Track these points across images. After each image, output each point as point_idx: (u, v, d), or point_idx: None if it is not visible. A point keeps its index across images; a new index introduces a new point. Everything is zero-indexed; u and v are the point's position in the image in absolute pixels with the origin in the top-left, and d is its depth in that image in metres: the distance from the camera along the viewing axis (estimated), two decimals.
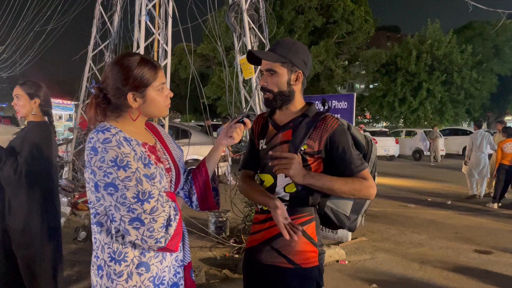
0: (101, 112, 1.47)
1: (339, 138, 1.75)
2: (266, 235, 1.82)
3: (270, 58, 1.79)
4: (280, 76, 1.79)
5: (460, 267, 4.90)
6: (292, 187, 1.78)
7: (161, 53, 5.59)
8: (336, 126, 1.76)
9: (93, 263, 1.49)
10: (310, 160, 1.77)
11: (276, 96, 1.81)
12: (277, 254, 1.79)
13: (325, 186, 1.73)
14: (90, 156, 1.38)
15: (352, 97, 5.61)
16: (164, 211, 1.39)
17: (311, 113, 1.82)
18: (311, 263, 1.77)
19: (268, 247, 1.81)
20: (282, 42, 1.84)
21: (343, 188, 1.73)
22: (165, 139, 1.67)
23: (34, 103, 2.74)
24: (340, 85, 27.67)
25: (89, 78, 7.42)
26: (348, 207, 1.82)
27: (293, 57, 1.79)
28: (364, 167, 1.78)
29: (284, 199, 1.80)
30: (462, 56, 25.25)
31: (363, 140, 1.89)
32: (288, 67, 1.79)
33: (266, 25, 6.10)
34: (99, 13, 7.26)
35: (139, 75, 1.46)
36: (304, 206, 1.78)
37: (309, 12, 23.18)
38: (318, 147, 1.76)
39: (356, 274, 4.60)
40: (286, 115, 1.87)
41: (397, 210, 8.12)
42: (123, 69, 1.46)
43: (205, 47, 23.60)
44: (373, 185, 1.78)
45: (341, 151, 1.75)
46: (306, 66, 1.85)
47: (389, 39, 55.13)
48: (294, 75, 1.81)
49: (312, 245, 1.78)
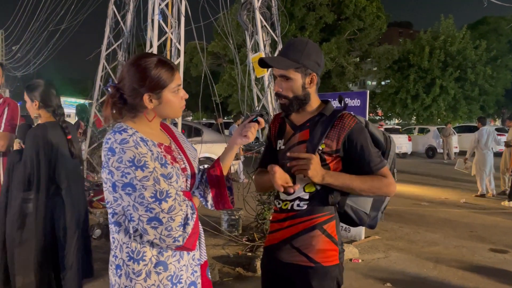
0: (117, 111, 1.48)
1: (357, 136, 1.74)
2: (286, 234, 1.82)
3: (283, 66, 1.77)
4: (294, 81, 1.78)
5: (475, 266, 4.85)
6: (311, 186, 1.78)
7: (174, 52, 5.61)
8: (353, 125, 1.75)
9: (111, 262, 1.50)
10: (329, 159, 1.77)
11: (292, 102, 1.81)
12: (298, 252, 1.79)
13: (345, 185, 1.73)
14: (107, 157, 1.39)
15: (365, 94, 5.57)
16: (181, 210, 1.40)
17: (328, 111, 1.81)
18: (331, 262, 1.78)
19: (288, 245, 1.81)
20: (294, 44, 1.81)
21: (363, 186, 1.73)
22: (179, 139, 1.68)
23: (34, 105, 2.78)
24: (351, 82, 27.51)
25: (102, 77, 7.48)
26: (368, 205, 1.82)
27: (306, 60, 1.77)
28: (383, 164, 1.77)
29: (303, 198, 1.80)
30: (476, 52, 24.89)
31: (382, 137, 1.88)
32: (302, 71, 1.78)
33: (278, 23, 6.08)
34: (112, 12, 7.31)
35: (156, 76, 1.47)
36: (324, 205, 1.78)
37: (320, 8, 23.06)
38: (336, 146, 1.75)
39: (370, 273, 4.57)
40: (302, 115, 1.87)
41: (410, 208, 8.06)
42: (140, 70, 1.46)
43: (216, 45, 23.64)
44: (392, 182, 1.78)
45: (360, 149, 1.74)
46: (319, 66, 1.84)
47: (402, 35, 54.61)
48: (308, 78, 1.80)
49: (332, 243, 1.79)
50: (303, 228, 1.78)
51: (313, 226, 1.77)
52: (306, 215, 1.78)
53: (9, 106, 3.12)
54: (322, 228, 1.77)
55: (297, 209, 1.80)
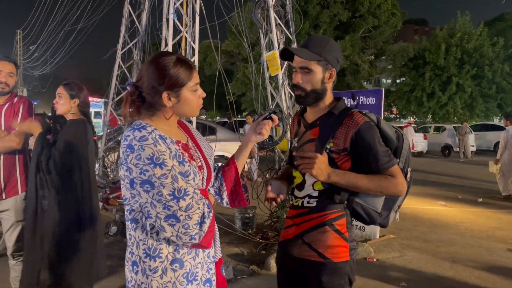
0: (136, 109, 1.49)
1: (365, 134, 1.73)
2: (298, 230, 1.86)
3: (307, 56, 1.78)
4: (314, 74, 1.80)
5: (492, 266, 4.77)
6: (320, 184, 1.80)
7: (189, 51, 5.64)
8: (362, 123, 1.74)
9: (127, 259, 1.52)
10: (337, 158, 1.77)
11: (309, 94, 1.82)
12: (308, 248, 1.81)
13: (351, 184, 1.74)
14: (126, 154, 1.40)
15: (380, 92, 5.52)
16: (198, 208, 1.41)
17: (337, 110, 1.82)
18: (342, 258, 1.79)
19: (300, 241, 1.84)
20: (315, 38, 1.83)
21: (370, 185, 1.73)
22: (195, 136, 1.69)
23: (73, 103, 2.92)
24: (366, 80, 27.30)
25: (118, 76, 7.56)
26: (379, 204, 1.82)
27: (327, 55, 1.79)
28: (392, 163, 1.75)
29: (313, 195, 1.83)
30: (494, 49, 24.45)
31: (394, 135, 1.85)
32: (323, 65, 1.80)
33: (292, 21, 6.07)
34: (127, 12, 7.38)
35: (174, 75, 1.48)
36: (333, 202, 1.80)
37: (334, 6, 22.92)
38: (344, 144, 1.75)
39: (385, 272, 4.54)
40: (315, 112, 1.88)
41: (426, 207, 7.97)
42: (159, 68, 1.47)
43: (230, 43, 23.68)
44: (401, 182, 1.75)
45: (368, 148, 1.73)
46: (338, 63, 1.86)
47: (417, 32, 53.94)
48: (328, 73, 1.82)
49: (342, 240, 1.80)
50: (314, 224, 1.81)
51: (323, 222, 1.79)
52: (316, 212, 1.81)
53: (24, 105, 3.19)
54: (331, 224, 1.79)
55: (307, 206, 1.83)
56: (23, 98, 3.26)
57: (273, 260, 4.47)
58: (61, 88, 2.91)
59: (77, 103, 2.92)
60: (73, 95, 2.90)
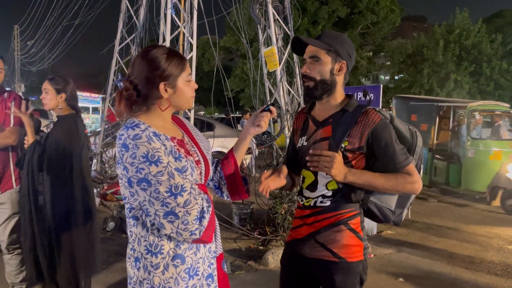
0: (130, 105, 1.48)
1: (381, 133, 1.71)
2: (310, 229, 1.82)
3: (317, 44, 1.77)
4: (324, 64, 1.77)
5: (489, 262, 4.80)
6: (334, 184, 1.77)
7: (187, 46, 5.62)
8: (378, 121, 1.72)
9: (129, 256, 1.52)
10: (351, 157, 1.74)
11: (317, 85, 1.78)
12: (322, 248, 1.78)
13: (367, 184, 1.71)
14: (121, 153, 1.40)
15: (378, 88, 5.53)
16: (197, 203, 1.41)
17: (351, 107, 1.78)
18: (356, 257, 1.76)
19: (312, 240, 1.80)
20: (329, 32, 1.82)
21: (386, 184, 1.71)
22: (191, 131, 1.68)
23: (60, 97, 2.89)
24: (364, 77, 27.26)
25: (116, 71, 7.54)
26: (393, 202, 1.80)
27: (338, 46, 1.77)
28: (408, 162, 1.73)
29: (326, 195, 1.79)
30: (492, 45, 24.43)
31: (407, 133, 1.84)
32: (332, 56, 1.77)
33: (291, 17, 6.06)
34: (125, 7, 7.34)
35: (169, 66, 1.48)
36: (348, 202, 1.77)
37: (333, 2, 22.85)
38: (359, 143, 1.72)
39: (382, 267, 4.56)
40: (325, 110, 1.84)
41: (423, 203, 8.00)
42: (153, 60, 1.47)
43: (228, 39, 23.61)
44: (418, 180, 1.74)
45: (384, 146, 1.71)
46: (350, 58, 1.82)
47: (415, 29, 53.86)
48: (338, 64, 1.78)
49: (357, 239, 1.77)
50: (328, 224, 1.77)
51: (338, 221, 1.76)
52: (331, 211, 1.77)
53: (15, 101, 3.15)
54: (347, 223, 1.76)
55: (320, 205, 1.79)
56: (13, 94, 3.24)
57: (271, 256, 4.48)
58: (47, 83, 2.89)
59: (64, 97, 2.89)
60: (59, 90, 2.87)
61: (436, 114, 8.43)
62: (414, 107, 8.96)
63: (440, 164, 8.30)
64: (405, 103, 9.42)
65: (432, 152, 8.28)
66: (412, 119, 8.63)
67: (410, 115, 8.74)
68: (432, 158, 8.27)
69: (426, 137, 8.11)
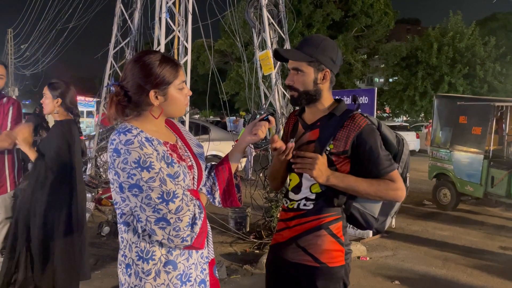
0: (121, 110, 1.46)
1: (366, 137, 1.71)
2: (292, 233, 1.82)
3: (297, 58, 1.76)
4: (306, 75, 1.76)
5: (484, 264, 4.82)
6: (318, 187, 1.77)
7: (181, 50, 5.62)
8: (364, 125, 1.72)
9: (120, 262, 1.50)
10: (336, 160, 1.74)
11: (301, 95, 1.79)
12: (303, 252, 1.77)
13: (350, 188, 1.71)
14: (113, 158, 1.38)
15: (373, 92, 5.55)
16: (189, 210, 1.39)
17: (339, 111, 1.78)
18: (337, 262, 1.76)
19: (294, 244, 1.80)
20: (310, 39, 1.80)
21: (369, 190, 1.70)
22: (185, 135, 1.66)
23: (56, 102, 2.89)
24: (359, 79, 27.36)
25: (110, 75, 7.51)
26: (377, 209, 1.80)
27: (320, 55, 1.75)
28: (392, 168, 1.73)
29: (310, 198, 1.79)
30: (485, 48, 24.61)
31: (394, 140, 1.83)
32: (315, 66, 1.76)
33: (285, 20, 6.06)
34: (119, 11, 7.32)
35: (161, 72, 1.45)
36: (331, 206, 1.76)
37: (328, 5, 22.95)
38: (344, 146, 1.72)
39: (378, 270, 4.56)
40: (314, 114, 1.84)
41: (418, 206, 8.02)
42: (145, 66, 1.45)
43: (223, 43, 23.63)
44: (401, 187, 1.73)
45: (369, 151, 1.70)
46: (335, 63, 1.81)
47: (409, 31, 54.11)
48: (321, 74, 1.78)
49: (338, 244, 1.77)
50: (309, 228, 1.77)
51: (319, 226, 1.76)
52: (313, 214, 1.77)
53: (13, 105, 3.21)
54: (328, 228, 1.75)
55: (303, 208, 1.79)
56: (11, 99, 3.26)
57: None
58: (45, 88, 2.91)
59: (59, 102, 2.88)
60: (55, 95, 2.87)
61: (493, 116, 7.10)
62: (463, 108, 7.70)
63: (498, 173, 6.80)
64: (450, 104, 8.23)
65: (488, 160, 6.97)
66: (461, 121, 7.56)
67: (458, 117, 7.62)
68: (488, 166, 6.93)
69: (480, 142, 7.08)
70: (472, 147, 7.24)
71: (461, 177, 7.39)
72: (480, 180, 7.00)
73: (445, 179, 7.80)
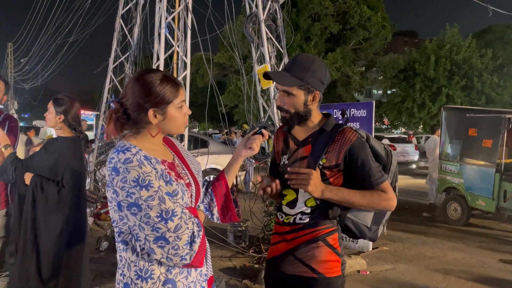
0: (120, 127, 1.47)
1: (357, 151, 1.76)
2: (289, 246, 1.85)
3: (287, 83, 1.79)
4: (296, 98, 1.80)
5: (484, 277, 4.79)
6: (313, 201, 1.81)
7: (180, 65, 5.66)
8: (354, 139, 1.77)
9: (118, 281, 1.50)
10: (329, 174, 1.79)
11: (293, 116, 1.83)
12: (301, 264, 1.81)
13: (344, 200, 1.76)
14: (111, 177, 1.38)
15: (371, 105, 5.58)
16: (188, 228, 1.39)
17: (328, 126, 1.83)
18: (334, 273, 1.80)
19: (291, 257, 1.84)
20: (300, 61, 1.82)
21: (362, 201, 1.75)
22: (182, 153, 1.67)
23: (58, 118, 2.90)
24: (357, 92, 27.49)
25: (110, 89, 7.55)
26: (369, 218, 1.85)
27: (310, 78, 1.78)
28: (383, 179, 1.79)
29: (305, 212, 1.83)
30: (482, 60, 24.79)
31: (383, 152, 1.90)
32: (305, 89, 1.80)
33: (283, 35, 6.12)
34: (119, 26, 7.39)
35: (161, 92, 1.47)
36: (326, 218, 1.81)
37: (325, 19, 23.15)
38: (336, 160, 1.77)
39: (378, 284, 4.53)
40: (305, 130, 1.89)
41: (418, 218, 7.99)
42: (145, 85, 1.46)
43: (222, 56, 23.78)
44: (393, 197, 1.80)
45: (360, 164, 1.76)
46: (323, 84, 1.85)
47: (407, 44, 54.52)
48: (311, 96, 1.82)
49: (335, 254, 1.81)
50: (306, 240, 1.81)
51: (316, 237, 1.80)
52: (309, 227, 1.81)
53: (9, 124, 3.16)
54: (325, 239, 1.80)
55: (300, 222, 1.83)
56: (8, 117, 3.25)
57: None
58: (50, 103, 2.92)
59: (62, 119, 2.89)
60: (58, 111, 2.89)
61: (504, 128, 6.89)
62: (473, 120, 7.49)
63: (510, 187, 6.64)
64: (459, 115, 8.01)
65: (500, 173, 6.74)
66: (471, 133, 7.39)
67: (468, 129, 7.44)
68: (500, 180, 6.71)
69: (492, 155, 6.90)
70: (483, 160, 7.08)
71: (472, 191, 7.21)
72: (492, 194, 6.82)
73: (455, 193, 7.60)
